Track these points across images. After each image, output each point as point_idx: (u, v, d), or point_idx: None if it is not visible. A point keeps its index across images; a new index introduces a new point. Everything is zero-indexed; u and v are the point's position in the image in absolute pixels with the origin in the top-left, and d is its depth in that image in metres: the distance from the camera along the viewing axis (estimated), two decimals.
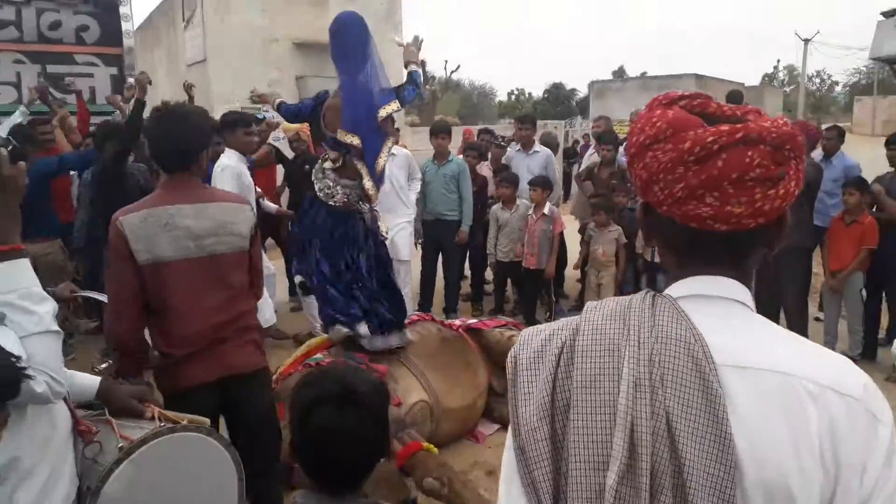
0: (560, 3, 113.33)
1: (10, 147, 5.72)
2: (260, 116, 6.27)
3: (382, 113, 3.64)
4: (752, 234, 0.88)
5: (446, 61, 54.48)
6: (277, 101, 4.10)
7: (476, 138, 7.98)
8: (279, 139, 7.05)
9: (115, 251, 2.19)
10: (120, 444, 1.65)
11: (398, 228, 5.25)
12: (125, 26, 7.11)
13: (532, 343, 0.94)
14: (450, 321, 4.17)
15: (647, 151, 0.90)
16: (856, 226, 4.91)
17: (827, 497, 0.79)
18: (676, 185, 0.86)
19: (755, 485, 0.79)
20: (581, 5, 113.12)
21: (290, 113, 4.03)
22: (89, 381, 1.85)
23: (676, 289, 0.92)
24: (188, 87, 6.00)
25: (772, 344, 0.86)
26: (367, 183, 3.63)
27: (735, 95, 7.64)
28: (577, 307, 6.26)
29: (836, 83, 57.37)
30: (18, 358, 1.29)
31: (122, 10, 7.04)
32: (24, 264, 1.47)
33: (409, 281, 5.47)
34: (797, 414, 0.80)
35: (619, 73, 43.54)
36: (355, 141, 3.54)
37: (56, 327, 1.49)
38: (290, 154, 6.58)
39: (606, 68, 62.62)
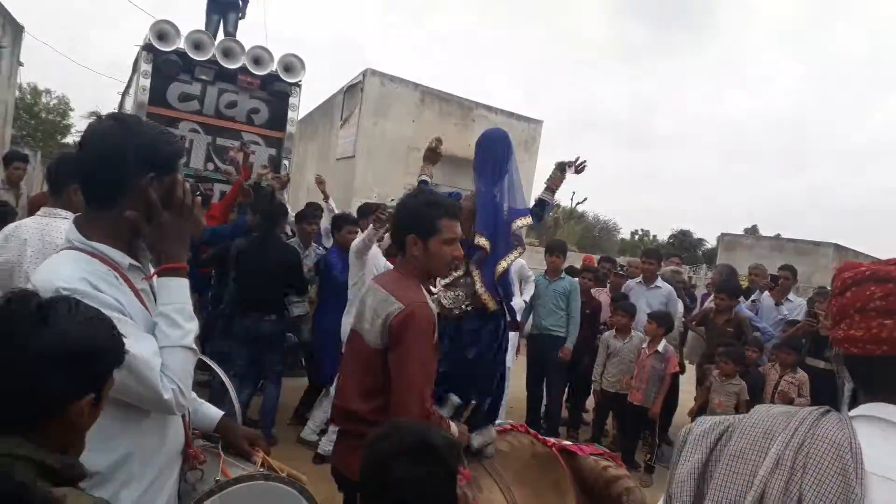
0: (694, 153, 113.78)
1: (199, 192, 6.35)
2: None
3: (518, 223, 3.68)
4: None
5: (573, 192, 55.51)
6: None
7: (596, 265, 7.94)
8: None
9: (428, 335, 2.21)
10: (218, 478, 1.68)
11: None
12: (291, 114, 7.85)
13: (704, 423, 1.12)
14: (545, 437, 3.98)
15: (844, 292, 1.09)
16: None
17: None
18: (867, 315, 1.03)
19: None
20: (715, 158, 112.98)
21: None
22: (213, 413, 1.91)
23: (857, 411, 1.04)
24: (319, 181, 6.54)
25: None
26: (480, 288, 3.64)
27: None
28: None
29: None
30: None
31: (292, 100, 7.81)
32: (185, 283, 1.59)
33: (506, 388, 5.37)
34: None
35: (752, 231, 42.33)
36: (485, 243, 3.60)
37: (195, 347, 1.57)
38: None
39: (736, 225, 61.17)
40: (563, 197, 42.10)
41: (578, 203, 32.96)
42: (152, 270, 1.60)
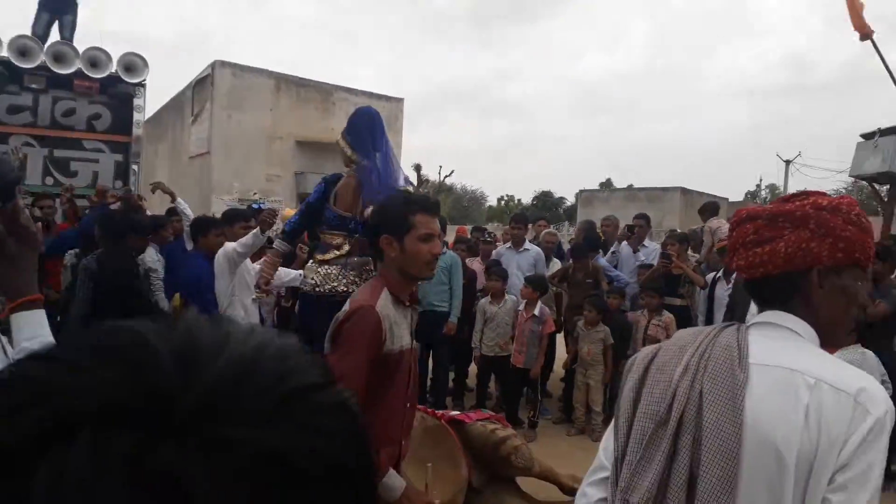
0: (552, 115, 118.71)
1: (39, 218, 5.84)
2: (254, 206, 6.47)
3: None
4: (774, 282, 1.28)
5: (440, 166, 56.10)
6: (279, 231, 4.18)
7: (469, 236, 8.21)
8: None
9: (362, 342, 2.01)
10: None
11: None
12: (136, 116, 7.42)
13: (644, 351, 1.41)
14: (433, 411, 4.14)
15: (734, 228, 1.38)
16: None
17: (807, 458, 1.10)
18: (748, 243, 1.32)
19: (752, 440, 1.13)
20: (571, 118, 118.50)
21: (296, 227, 4.15)
22: None
23: (754, 319, 1.32)
24: (154, 188, 5.98)
25: (794, 353, 1.21)
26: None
27: (710, 206, 7.98)
28: (563, 407, 6.21)
29: None
30: None
31: (136, 101, 7.38)
32: (43, 314, 1.51)
33: None
34: (791, 395, 1.14)
35: (607, 185, 44.95)
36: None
37: None
38: None
39: (594, 179, 64.77)
40: (430, 171, 42.51)
41: (446, 176, 33.46)
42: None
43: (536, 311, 5.73)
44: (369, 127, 3.89)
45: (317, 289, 3.71)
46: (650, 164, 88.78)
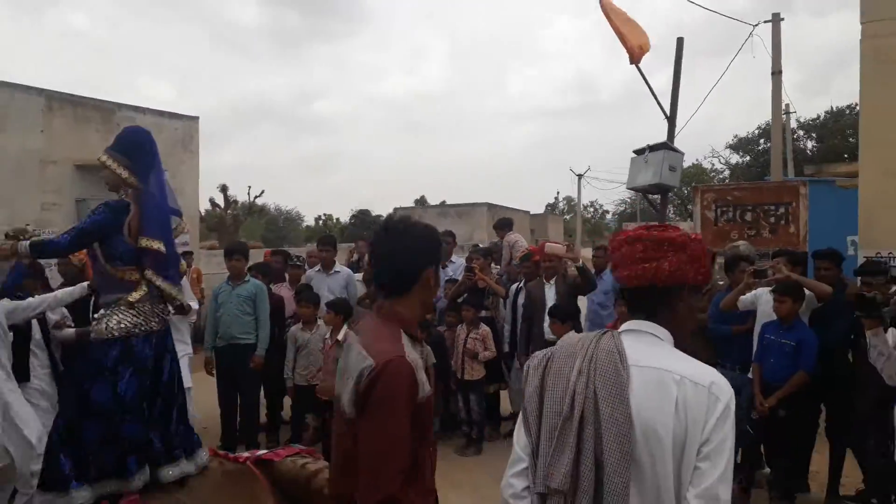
0: (363, 134, 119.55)
1: None
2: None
3: (176, 224, 3.55)
4: (651, 294, 1.61)
5: (249, 186, 54.15)
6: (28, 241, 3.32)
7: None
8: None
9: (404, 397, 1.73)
10: None
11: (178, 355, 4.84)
12: None
13: (535, 357, 1.70)
14: (236, 454, 3.81)
15: (615, 251, 1.69)
16: None
17: (679, 438, 1.45)
18: (623, 261, 1.65)
19: (638, 426, 1.46)
20: (382, 136, 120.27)
21: (71, 248, 3.37)
22: None
23: (624, 327, 1.65)
24: None
25: (660, 355, 1.55)
26: (165, 284, 3.34)
27: (505, 222, 8.64)
28: None
29: (607, 211, 65.55)
30: None
31: None
32: None
33: (194, 411, 5.00)
34: (663, 390, 1.48)
35: (421, 202, 46.13)
36: (158, 245, 3.29)
37: None
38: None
39: (409, 197, 66.18)
40: (239, 192, 40.68)
41: (257, 196, 32.08)
42: None
43: (340, 337, 5.39)
44: (147, 147, 3.49)
45: (134, 329, 3.24)
46: (459, 181, 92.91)
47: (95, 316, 3.33)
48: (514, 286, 6.35)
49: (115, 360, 3.19)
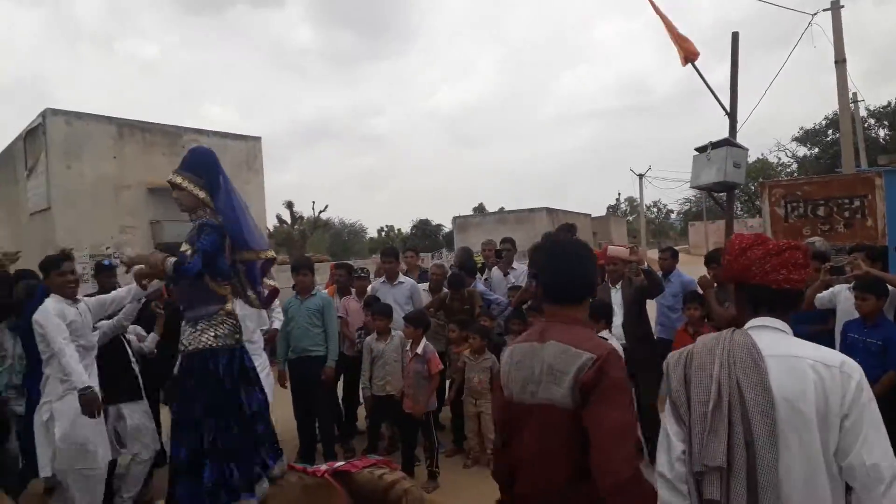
0: (421, 146, 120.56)
1: None
2: (106, 263, 5.89)
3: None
4: (783, 295, 1.86)
5: (314, 202, 55.24)
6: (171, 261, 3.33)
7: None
8: None
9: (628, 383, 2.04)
10: None
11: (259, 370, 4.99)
12: None
13: (673, 356, 1.95)
14: (314, 467, 3.89)
15: (744, 253, 1.91)
16: (699, 336, 5.26)
17: (822, 413, 1.68)
18: (766, 265, 1.86)
19: (782, 408, 1.71)
20: (439, 147, 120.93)
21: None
22: None
23: (750, 324, 1.89)
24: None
25: (789, 345, 1.81)
26: (252, 295, 3.60)
27: (565, 226, 8.23)
28: (456, 440, 6.09)
29: (672, 211, 64.05)
30: None
31: None
32: None
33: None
34: (800, 374, 1.72)
35: (480, 209, 46.16)
36: (271, 254, 3.57)
37: None
38: None
39: (468, 205, 66.29)
40: (304, 208, 41.61)
41: (321, 211, 32.80)
42: None
43: (419, 350, 5.41)
44: (215, 167, 3.59)
45: (230, 340, 3.45)
46: (518, 188, 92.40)
47: (198, 328, 3.41)
48: None
49: (225, 368, 3.36)
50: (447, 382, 6.36)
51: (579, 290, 2.13)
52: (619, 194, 67.00)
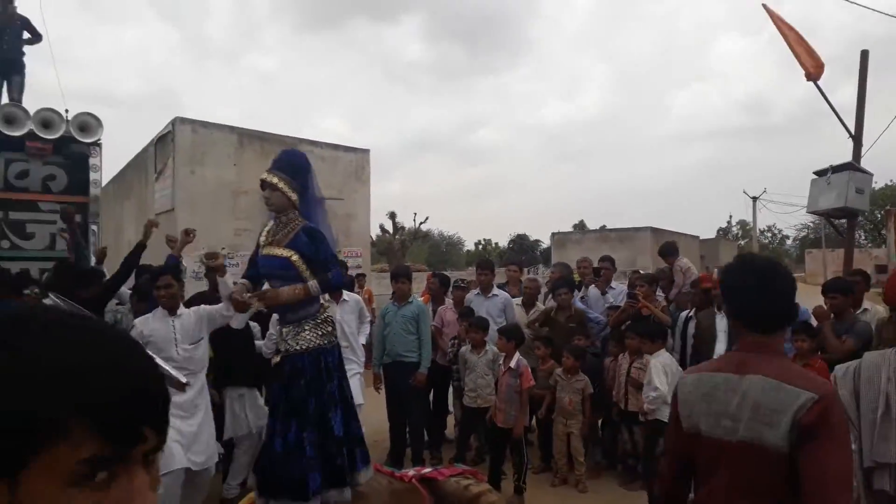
0: (522, 161, 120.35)
1: None
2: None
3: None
4: None
5: (415, 213, 56.40)
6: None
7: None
8: None
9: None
10: None
11: (351, 373, 5.12)
12: (93, 176, 7.26)
13: (840, 370, 2.50)
14: (402, 472, 3.96)
15: None
16: (808, 369, 4.92)
17: None
18: None
19: None
20: (541, 163, 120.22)
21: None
22: None
23: None
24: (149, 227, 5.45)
25: None
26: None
27: (669, 247, 7.87)
28: (544, 457, 6.00)
29: (787, 237, 60.40)
30: None
31: (92, 160, 7.22)
32: None
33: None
34: None
35: (580, 226, 45.41)
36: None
37: None
38: None
39: (567, 222, 65.38)
40: (406, 219, 42.56)
41: (422, 223, 33.46)
42: None
43: (513, 364, 5.30)
44: (305, 171, 3.67)
45: (333, 338, 3.64)
46: (620, 206, 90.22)
47: (305, 328, 3.51)
48: (684, 314, 6.06)
49: (331, 366, 3.50)
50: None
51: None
52: (731, 217, 63.87)
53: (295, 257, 3.48)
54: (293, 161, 3.67)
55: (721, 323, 5.52)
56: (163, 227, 12.31)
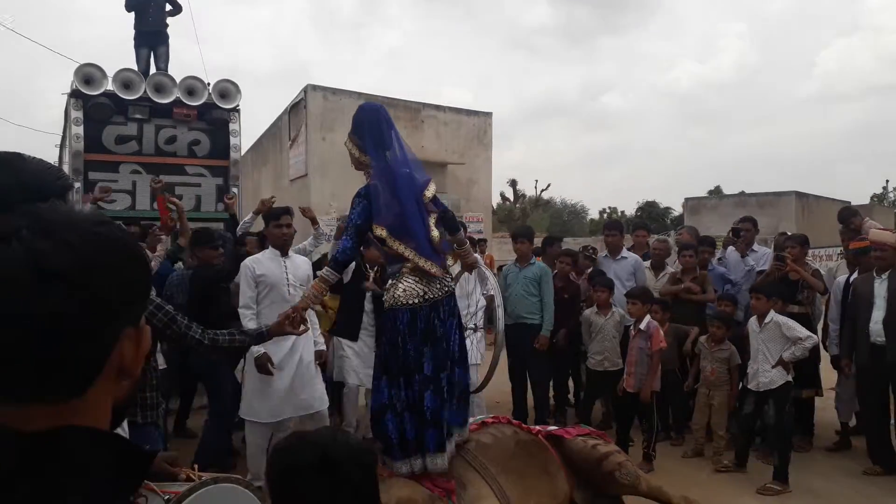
0: (651, 126, 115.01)
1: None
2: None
3: (427, 194, 3.36)
4: None
5: (536, 180, 55.63)
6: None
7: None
8: None
9: None
10: (167, 498, 1.64)
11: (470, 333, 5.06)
12: (233, 141, 7.68)
13: None
14: (529, 426, 3.89)
15: None
16: None
17: None
18: None
19: None
20: (672, 128, 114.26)
21: (350, 255, 3.41)
22: None
23: None
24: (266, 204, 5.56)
25: None
26: (420, 260, 3.21)
27: (846, 212, 6.94)
28: (675, 426, 5.73)
29: None
30: None
31: (232, 126, 7.63)
32: None
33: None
34: None
35: (716, 192, 42.86)
36: (382, 233, 3.20)
37: None
38: None
39: (700, 188, 61.87)
40: (527, 186, 42.16)
41: (543, 190, 33.00)
42: None
43: (643, 326, 5.09)
44: (367, 124, 3.36)
45: (416, 300, 3.24)
46: (761, 171, 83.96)
47: (388, 286, 3.34)
48: (842, 279, 5.55)
49: (406, 327, 3.18)
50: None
51: None
52: (887, 182, 57.82)
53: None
54: (359, 117, 3.44)
55: (880, 288, 4.98)
56: (297, 191, 12.93)
